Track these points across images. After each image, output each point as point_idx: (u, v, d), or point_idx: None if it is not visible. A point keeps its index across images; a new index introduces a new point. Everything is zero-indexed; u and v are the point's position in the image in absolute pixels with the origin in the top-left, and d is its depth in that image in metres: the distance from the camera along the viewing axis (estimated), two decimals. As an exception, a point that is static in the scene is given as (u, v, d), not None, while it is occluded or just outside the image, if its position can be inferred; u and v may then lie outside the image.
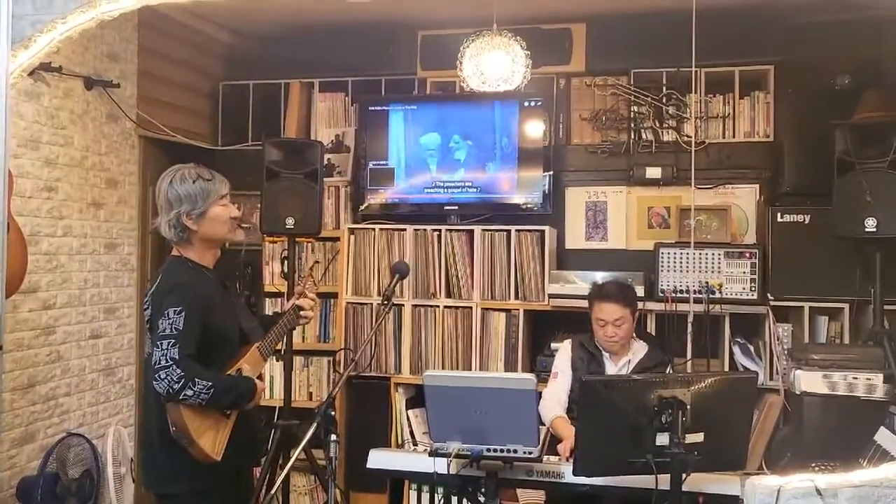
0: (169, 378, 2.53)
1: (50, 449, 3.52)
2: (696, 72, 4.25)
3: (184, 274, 2.71)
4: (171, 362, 2.53)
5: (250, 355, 2.83)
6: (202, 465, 2.64)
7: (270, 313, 4.35)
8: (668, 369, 3.60)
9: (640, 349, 3.62)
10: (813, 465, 2.90)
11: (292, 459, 2.83)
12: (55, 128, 3.85)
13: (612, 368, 3.60)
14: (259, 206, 4.31)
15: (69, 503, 3.52)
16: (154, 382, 2.57)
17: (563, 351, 3.73)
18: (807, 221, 3.94)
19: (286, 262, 4.22)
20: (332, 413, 2.74)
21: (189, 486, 2.70)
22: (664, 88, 4.44)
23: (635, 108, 4.48)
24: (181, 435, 2.60)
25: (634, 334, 3.64)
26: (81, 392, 4.03)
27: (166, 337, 2.56)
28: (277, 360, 4.61)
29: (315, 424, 2.70)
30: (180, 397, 2.55)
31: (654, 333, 4.02)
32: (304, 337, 4.72)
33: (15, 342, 3.60)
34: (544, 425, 3.30)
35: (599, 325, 3.54)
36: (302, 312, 3.07)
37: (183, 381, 2.53)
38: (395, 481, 4.28)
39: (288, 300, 3.53)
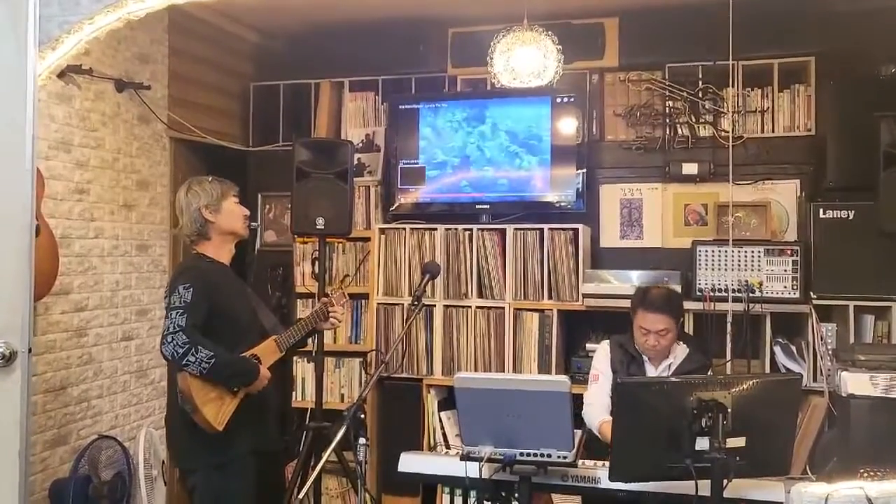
0: (175, 343, 2.80)
1: (81, 452, 3.53)
2: (733, 65, 4.13)
3: (196, 261, 3.06)
4: (178, 329, 2.81)
5: (265, 345, 3.10)
6: (215, 441, 2.87)
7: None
8: (708, 372, 3.50)
9: (681, 352, 3.52)
10: (861, 470, 2.79)
11: (321, 462, 2.79)
12: (86, 130, 3.86)
13: (652, 371, 3.50)
14: (290, 206, 4.28)
15: (101, 505, 3.53)
16: (161, 346, 2.85)
17: (602, 352, 3.63)
18: (851, 217, 3.81)
19: (317, 262, 4.19)
20: (362, 416, 2.70)
21: (204, 461, 2.94)
22: (700, 82, 4.33)
23: (670, 103, 4.37)
24: (186, 401, 2.84)
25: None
26: (114, 394, 4.04)
27: (176, 308, 2.85)
28: (309, 362, 4.60)
29: (344, 427, 2.67)
30: (183, 362, 2.80)
31: (692, 333, 3.93)
32: (335, 338, 4.68)
33: (47, 344, 3.62)
34: (580, 429, 3.22)
35: (642, 333, 3.43)
36: (332, 321, 3.37)
37: (187, 346, 2.79)
38: (429, 484, 4.23)
39: (318, 301, 3.55)
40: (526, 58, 3.74)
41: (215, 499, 2.97)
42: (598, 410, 3.42)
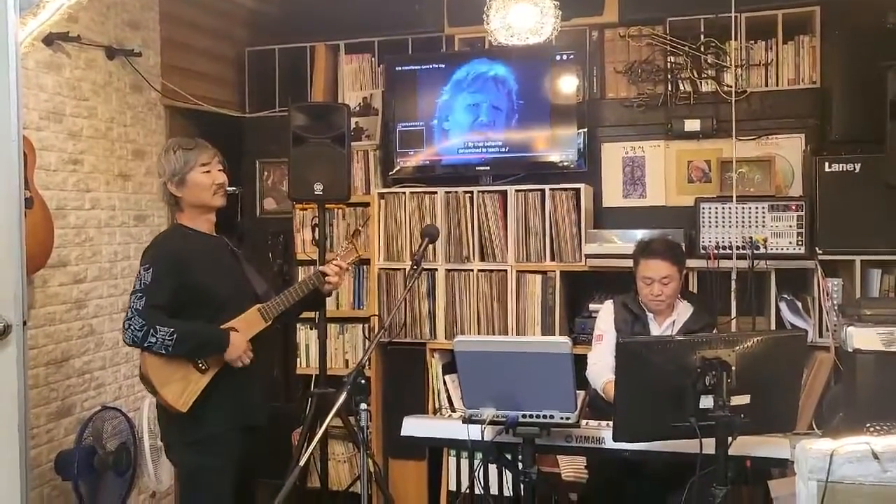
0: (132, 328, 2.73)
1: (84, 423, 3.53)
2: (735, 17, 4.03)
3: (168, 235, 2.97)
4: (134, 313, 2.73)
5: (247, 315, 2.94)
6: (187, 419, 2.78)
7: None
8: (713, 332, 3.47)
9: (684, 310, 3.51)
10: (868, 425, 2.76)
11: (322, 428, 2.78)
12: (78, 99, 3.80)
13: (656, 329, 3.49)
14: (287, 172, 4.24)
15: (107, 476, 3.53)
16: (122, 334, 2.79)
17: (606, 312, 3.61)
18: (857, 170, 3.73)
19: (317, 229, 4.16)
20: (362, 381, 2.68)
21: (176, 437, 2.89)
22: (702, 36, 4.22)
23: (672, 59, 4.28)
24: (146, 382, 2.80)
25: (679, 295, 3.51)
26: (116, 365, 4.03)
27: (135, 292, 2.77)
28: (312, 329, 4.59)
29: (345, 393, 2.65)
30: (145, 345, 2.73)
31: (696, 292, 3.89)
32: (338, 304, 4.67)
33: (47, 317, 3.60)
34: (582, 390, 3.20)
35: (645, 283, 3.43)
36: (327, 279, 3.15)
37: (145, 329, 2.71)
38: (434, 448, 4.23)
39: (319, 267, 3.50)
40: (522, 15, 3.68)
41: (191, 475, 2.91)
42: (602, 370, 3.41)
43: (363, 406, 2.68)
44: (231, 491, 2.89)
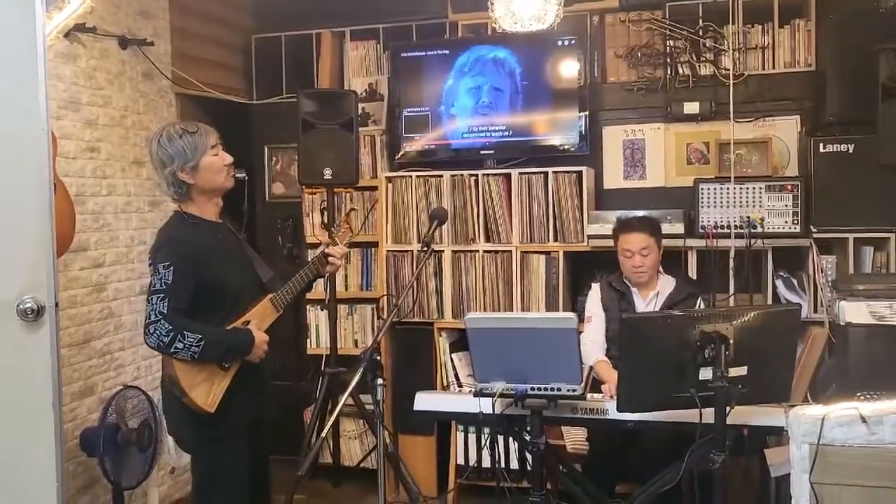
0: (158, 332, 2.60)
1: (108, 401, 3.65)
2: (733, 2, 4.14)
3: (179, 228, 2.78)
4: (159, 316, 2.60)
5: (261, 307, 2.86)
6: (204, 416, 2.68)
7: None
8: (698, 300, 3.62)
9: (667, 283, 3.67)
10: (858, 394, 2.89)
11: (340, 404, 2.89)
12: (93, 88, 3.90)
13: (640, 303, 3.65)
14: (296, 158, 4.35)
15: (130, 452, 3.66)
16: (145, 337, 2.65)
17: (593, 294, 3.79)
18: (850, 151, 3.84)
19: (326, 212, 4.27)
20: (377, 358, 2.79)
21: (194, 434, 2.79)
22: (700, 21, 4.33)
23: (671, 43, 4.38)
24: (173, 386, 2.69)
25: (661, 269, 3.66)
26: (135, 346, 4.14)
27: (157, 292, 2.63)
28: (322, 310, 4.71)
29: (361, 370, 2.77)
30: (171, 351, 2.62)
31: (695, 270, 4.01)
32: (347, 286, 4.79)
33: (69, 300, 3.72)
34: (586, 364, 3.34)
35: (626, 256, 3.61)
36: (330, 259, 3.09)
37: (172, 334, 2.59)
38: (443, 424, 4.37)
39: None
40: (526, 2, 3.76)
41: (209, 470, 2.83)
42: (592, 349, 3.59)
43: (379, 381, 2.78)
44: (247, 480, 2.85)
